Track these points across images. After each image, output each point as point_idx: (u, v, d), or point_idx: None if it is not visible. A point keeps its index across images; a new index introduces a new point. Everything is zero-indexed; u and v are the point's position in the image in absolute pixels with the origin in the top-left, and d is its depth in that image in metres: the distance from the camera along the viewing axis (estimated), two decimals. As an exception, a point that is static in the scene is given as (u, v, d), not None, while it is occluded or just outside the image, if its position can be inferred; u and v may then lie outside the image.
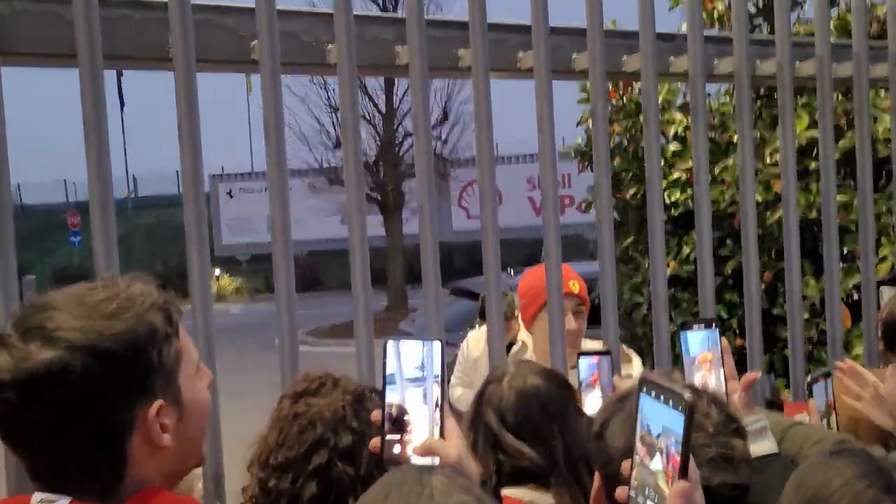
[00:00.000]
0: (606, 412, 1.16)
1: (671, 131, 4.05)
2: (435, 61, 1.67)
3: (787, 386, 3.10)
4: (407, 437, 1.06)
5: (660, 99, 4.09)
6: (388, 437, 1.06)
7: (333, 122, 15.63)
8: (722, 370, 1.59)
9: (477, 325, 4.54)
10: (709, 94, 4.30)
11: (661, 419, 0.90)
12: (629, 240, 4.31)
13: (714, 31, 3.69)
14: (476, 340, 4.67)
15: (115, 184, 1.40)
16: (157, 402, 0.91)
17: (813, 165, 3.51)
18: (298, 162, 16.32)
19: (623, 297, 4.41)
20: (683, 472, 0.86)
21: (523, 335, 4.46)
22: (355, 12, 1.55)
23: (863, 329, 2.27)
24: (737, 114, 2.03)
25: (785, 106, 2.06)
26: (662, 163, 4.08)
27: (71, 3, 1.32)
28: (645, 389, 0.92)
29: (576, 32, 1.84)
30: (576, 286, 2.37)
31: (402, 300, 14.88)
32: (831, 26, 3.55)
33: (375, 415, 1.07)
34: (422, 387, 1.06)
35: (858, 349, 2.80)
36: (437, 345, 1.07)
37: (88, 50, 1.33)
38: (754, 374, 1.62)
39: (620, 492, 0.94)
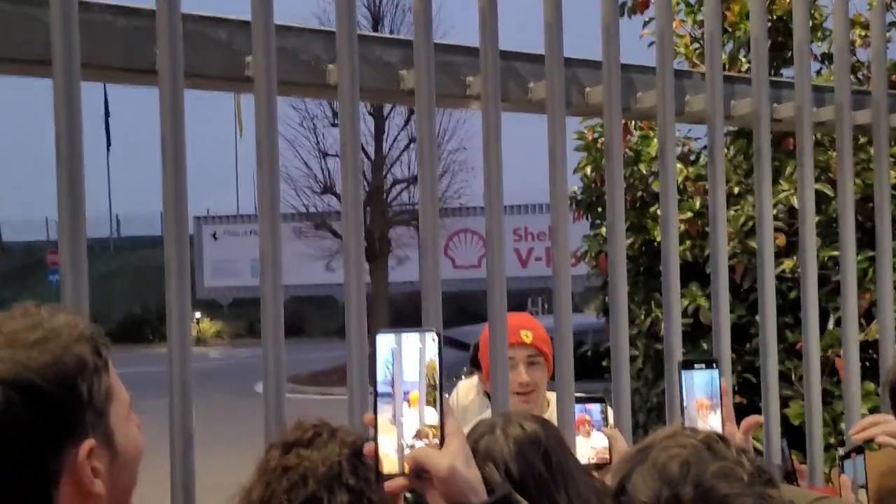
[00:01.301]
0: (626, 465, 1.04)
1: (671, 181, 3.98)
2: (442, 89, 1.56)
3: (790, 447, 2.97)
4: (403, 441, 0.94)
5: (656, 149, 4.04)
6: (385, 442, 0.94)
7: (322, 167, 15.61)
8: (720, 413, 1.52)
9: (464, 375, 4.40)
10: (704, 146, 4.27)
11: None
12: (663, 294, 4.19)
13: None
14: (466, 390, 4.52)
15: (98, 223, 1.28)
16: (89, 442, 0.80)
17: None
18: (285, 206, 16.22)
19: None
20: None
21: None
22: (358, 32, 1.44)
23: (881, 380, 2.15)
24: (756, 157, 1.93)
25: (804, 149, 1.97)
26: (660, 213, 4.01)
27: (49, 4, 1.20)
28: None
29: (589, 65, 1.75)
30: (528, 336, 2.21)
31: (384, 348, 14.63)
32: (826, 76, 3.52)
33: (368, 418, 0.95)
34: (418, 383, 0.94)
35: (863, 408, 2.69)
36: (432, 337, 0.94)
37: (64, 56, 1.21)
38: (756, 418, 1.54)
39: None
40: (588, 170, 4.27)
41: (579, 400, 1.73)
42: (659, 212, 3.96)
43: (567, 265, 1.68)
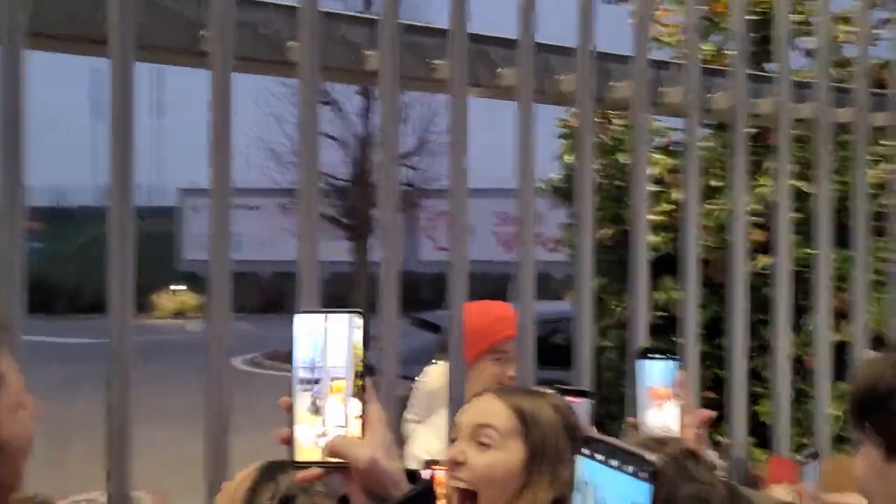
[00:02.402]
0: None
1: (650, 172, 3.94)
2: (408, 71, 1.50)
3: (759, 445, 2.96)
4: (323, 429, 0.88)
5: (641, 137, 4.00)
6: (303, 432, 0.87)
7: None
8: (677, 404, 1.48)
9: (435, 360, 4.35)
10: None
11: (617, 491, 0.69)
12: (602, 282, 4.17)
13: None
14: (436, 375, 4.47)
15: (81, 192, 1.24)
16: None
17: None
18: (270, 182, 16.10)
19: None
20: None
21: None
22: (324, 9, 1.38)
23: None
24: (732, 153, 1.89)
25: (782, 146, 1.93)
26: (640, 203, 3.97)
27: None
28: (590, 453, 0.71)
29: (562, 52, 1.69)
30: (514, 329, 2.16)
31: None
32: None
33: (285, 400, 0.88)
34: (341, 369, 0.88)
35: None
36: (358, 318, 0.89)
37: (8, 29, 1.15)
38: (710, 413, 1.51)
39: None
40: (569, 157, 4.22)
41: (562, 392, 1.66)
42: (639, 202, 3.96)
43: (531, 255, 1.64)
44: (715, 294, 3.41)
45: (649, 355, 1.53)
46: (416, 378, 4.14)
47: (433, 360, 4.65)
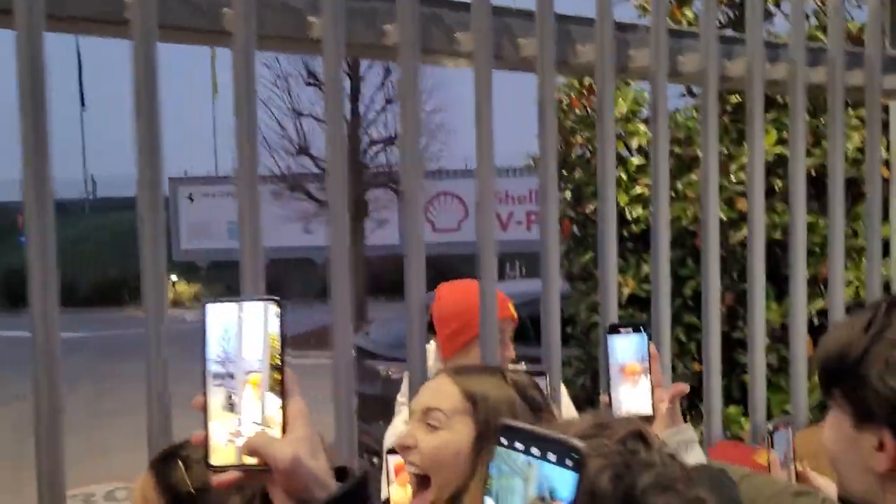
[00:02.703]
0: None
1: (634, 144, 3.87)
2: (428, 43, 1.49)
3: (745, 413, 2.92)
4: (238, 427, 0.81)
5: (624, 109, 3.92)
6: (217, 431, 0.81)
7: (297, 127, 15.35)
8: (649, 379, 1.45)
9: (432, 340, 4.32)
10: (677, 109, 4.16)
11: (538, 481, 0.63)
12: (588, 256, 4.12)
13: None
14: (428, 354, 4.44)
15: (72, 185, 1.19)
16: None
17: (779, 184, 3.36)
18: (260, 168, 15.99)
19: (580, 315, 4.22)
20: None
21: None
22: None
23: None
24: (702, 117, 1.83)
25: (754, 110, 1.87)
26: (625, 176, 3.91)
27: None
28: (507, 442, 0.65)
29: (522, 16, 1.63)
30: (514, 309, 2.10)
31: (361, 312, 14.60)
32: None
33: (198, 400, 0.82)
34: (257, 361, 0.81)
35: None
36: (274, 308, 0.83)
37: (27, 5, 1.10)
38: (682, 386, 1.47)
39: None
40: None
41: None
42: (623, 176, 3.90)
43: (555, 229, 1.61)
44: (698, 264, 3.37)
45: (620, 330, 1.50)
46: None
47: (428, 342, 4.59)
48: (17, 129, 1.14)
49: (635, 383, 1.47)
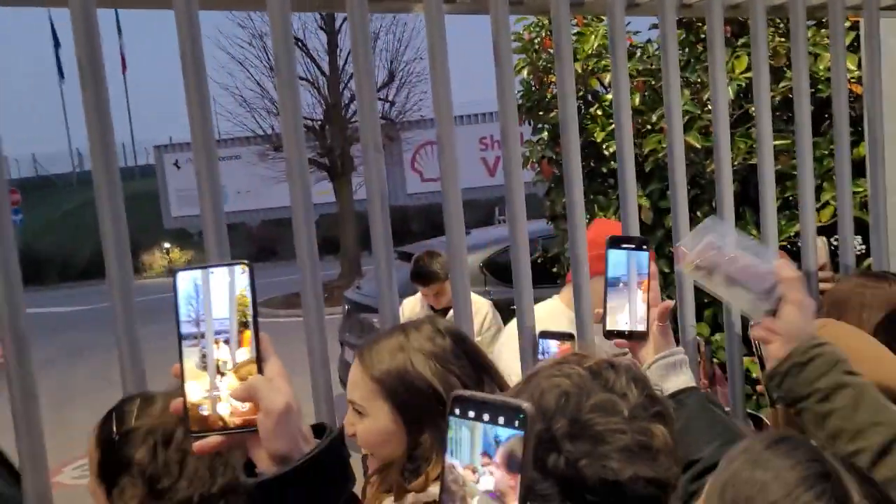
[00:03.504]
0: (511, 394, 0.97)
1: (608, 79, 3.85)
2: None
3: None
4: (216, 392, 0.83)
5: (594, 45, 3.88)
6: (194, 390, 0.83)
7: (275, 86, 15.12)
8: (647, 296, 1.43)
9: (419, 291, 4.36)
10: (649, 40, 4.12)
11: (491, 443, 0.67)
12: (566, 195, 4.13)
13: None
14: (411, 305, 4.50)
15: (58, 160, 1.19)
16: None
17: (753, 109, 3.35)
18: (244, 130, 15.85)
19: (564, 255, 4.24)
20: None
21: None
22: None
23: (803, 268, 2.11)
24: (662, 49, 1.82)
25: (713, 37, 1.86)
26: (600, 112, 3.89)
27: None
28: (459, 412, 0.68)
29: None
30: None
31: (355, 267, 14.63)
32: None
33: (175, 368, 0.85)
34: (226, 320, 0.84)
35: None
36: (241, 269, 0.85)
37: None
38: (668, 303, 1.47)
39: None
40: (525, 72, 4.12)
41: (546, 335, 1.60)
42: (599, 112, 3.88)
43: (519, 170, 1.61)
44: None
45: (622, 245, 1.47)
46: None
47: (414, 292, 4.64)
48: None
49: (632, 299, 1.44)
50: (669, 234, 3.69)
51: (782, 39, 3.47)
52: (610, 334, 1.44)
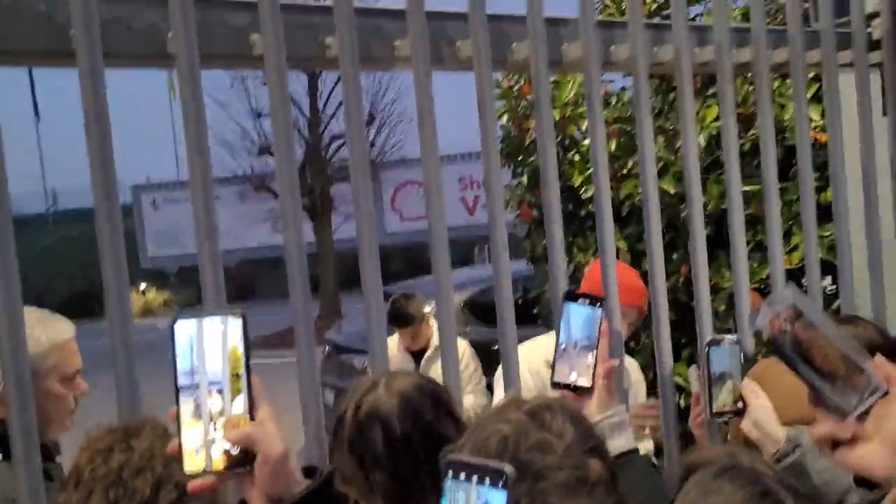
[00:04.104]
0: (458, 442, 1.04)
1: (585, 125, 3.98)
2: (367, 52, 1.56)
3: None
4: (212, 436, 0.89)
5: (570, 93, 4.02)
6: (189, 438, 0.88)
7: (256, 128, 15.27)
8: (595, 352, 1.52)
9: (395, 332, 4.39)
10: (623, 88, 4.27)
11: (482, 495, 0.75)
12: (546, 237, 4.23)
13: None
14: (388, 347, 4.51)
15: (33, 198, 1.23)
16: None
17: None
18: (224, 170, 15.93)
19: (545, 296, 4.32)
20: None
21: (437, 339, 4.35)
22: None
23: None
24: (635, 103, 1.92)
25: (684, 92, 1.97)
26: (578, 157, 4.01)
27: None
28: (452, 474, 0.76)
29: (457, 18, 1.70)
30: (645, 303, 2.35)
31: (334, 307, 14.62)
32: (736, 14, 3.53)
33: (172, 412, 0.90)
34: (219, 371, 0.90)
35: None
36: (236, 320, 0.91)
37: None
38: (612, 362, 1.55)
39: None
40: (505, 118, 4.25)
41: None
42: (577, 157, 4.00)
43: (501, 213, 1.69)
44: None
45: (578, 300, 1.55)
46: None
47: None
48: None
49: (581, 354, 1.52)
50: (645, 276, 3.79)
51: (751, 87, 3.62)
52: (556, 385, 1.52)
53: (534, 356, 2.60)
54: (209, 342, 0.90)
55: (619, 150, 3.79)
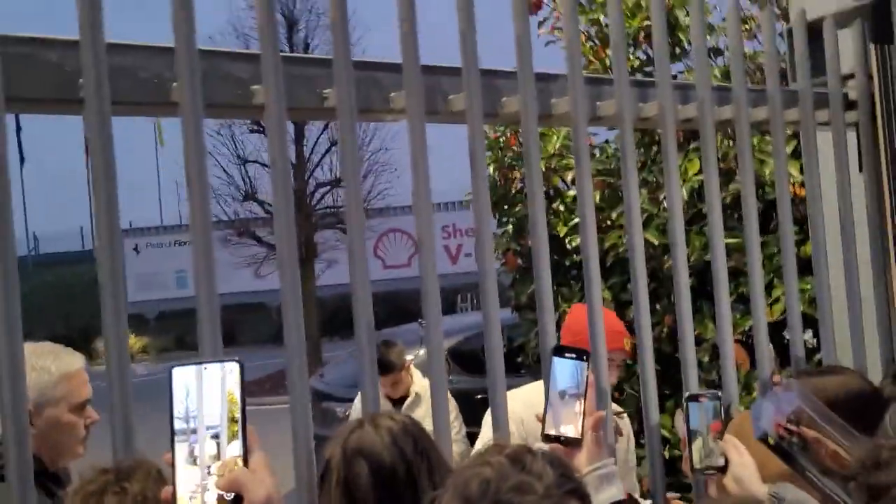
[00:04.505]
0: (443, 486, 1.07)
1: (569, 177, 4.06)
2: (364, 103, 1.61)
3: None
4: (206, 481, 0.90)
5: (556, 145, 4.11)
6: (184, 483, 0.89)
7: (242, 174, 15.35)
8: (583, 404, 1.57)
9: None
10: (607, 141, 4.37)
11: None
12: (534, 286, 4.27)
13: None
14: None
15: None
16: None
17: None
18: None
19: (529, 344, 4.35)
20: None
21: (417, 387, 4.37)
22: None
23: (757, 373, 2.24)
24: (622, 157, 1.98)
25: (668, 146, 2.03)
26: (563, 208, 4.08)
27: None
28: None
29: (451, 72, 1.76)
30: (628, 343, 2.41)
31: (316, 354, 14.51)
32: (717, 73, 3.65)
33: (166, 456, 0.92)
34: (216, 416, 0.92)
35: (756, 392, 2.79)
36: (232, 367, 0.93)
37: None
38: (599, 414, 1.59)
39: None
40: (491, 168, 4.32)
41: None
42: (562, 208, 4.07)
43: (492, 263, 1.73)
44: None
45: (565, 354, 1.61)
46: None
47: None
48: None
49: (570, 406, 1.58)
50: (630, 326, 3.82)
51: (731, 143, 3.72)
52: (547, 438, 1.57)
53: (518, 405, 2.62)
54: (208, 388, 0.92)
55: (604, 201, 3.86)
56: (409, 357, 4.33)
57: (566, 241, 3.94)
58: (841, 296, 2.37)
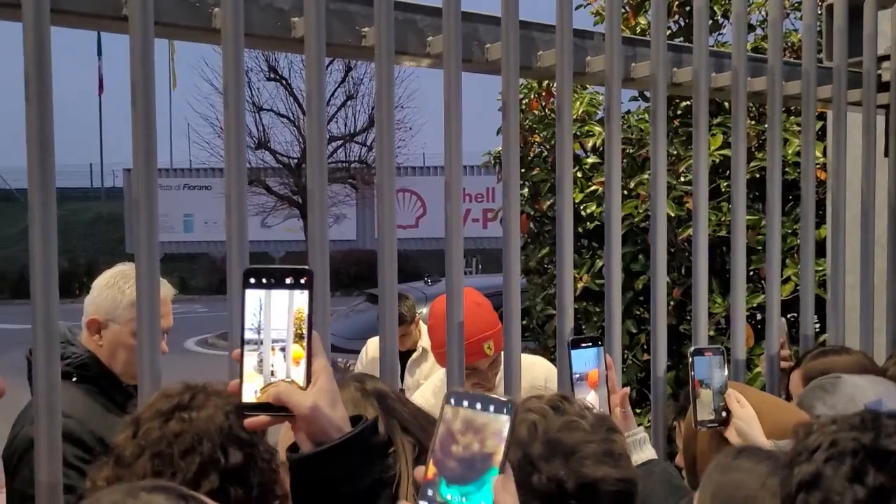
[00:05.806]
0: None
1: (589, 144, 4.04)
2: (399, 46, 1.60)
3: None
4: (272, 381, 0.96)
5: (580, 111, 4.08)
6: (249, 380, 0.95)
7: (256, 122, 15.26)
8: (606, 385, 1.66)
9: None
10: (628, 111, 4.33)
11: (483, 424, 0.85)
12: (544, 251, 4.28)
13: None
14: (375, 345, 4.56)
15: (19, 176, 1.25)
16: None
17: (725, 185, 3.55)
18: (218, 162, 15.89)
19: (536, 308, 4.37)
20: (503, 468, 0.83)
21: (424, 342, 4.41)
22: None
23: (765, 348, 2.25)
24: (651, 119, 1.97)
25: (699, 114, 2.02)
26: (580, 174, 4.06)
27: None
28: (454, 402, 0.86)
29: (489, 21, 1.75)
30: (490, 349, 2.28)
31: (318, 307, 14.59)
32: (748, 48, 3.60)
33: (235, 353, 0.97)
34: (283, 330, 0.96)
35: (760, 367, 2.81)
36: (302, 279, 0.96)
37: (34, 2, 1.18)
38: (624, 391, 1.65)
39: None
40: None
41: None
42: (579, 174, 4.05)
43: (517, 226, 1.74)
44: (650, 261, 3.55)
45: (581, 345, 1.66)
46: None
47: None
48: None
49: (594, 390, 1.67)
50: (637, 296, 3.84)
51: (752, 122, 3.69)
52: None
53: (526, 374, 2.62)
54: (276, 300, 0.95)
55: (623, 171, 3.84)
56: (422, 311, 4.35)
57: (581, 207, 3.93)
58: (850, 279, 2.38)
